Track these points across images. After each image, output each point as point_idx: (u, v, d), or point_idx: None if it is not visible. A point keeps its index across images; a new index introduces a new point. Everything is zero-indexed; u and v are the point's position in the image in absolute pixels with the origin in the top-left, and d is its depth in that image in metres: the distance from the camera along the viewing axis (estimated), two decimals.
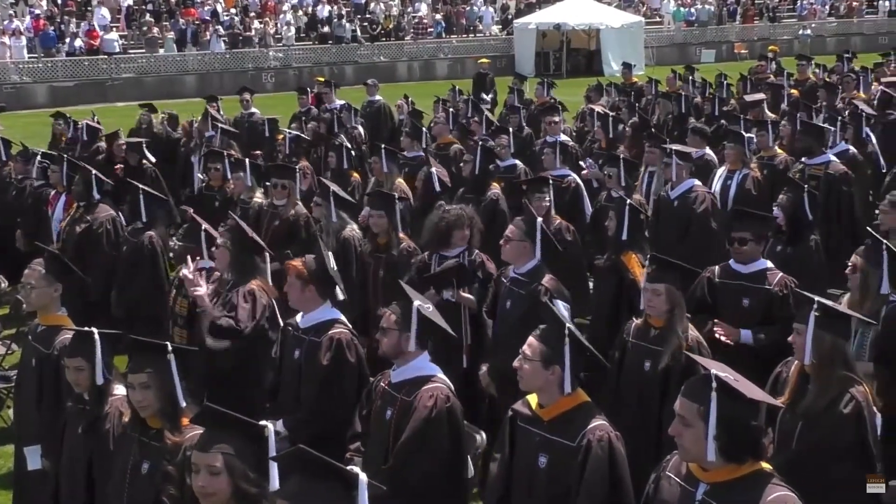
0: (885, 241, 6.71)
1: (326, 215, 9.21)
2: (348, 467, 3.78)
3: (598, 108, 16.06)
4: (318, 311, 6.48)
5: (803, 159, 11.16)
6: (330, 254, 6.75)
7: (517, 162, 12.32)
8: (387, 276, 8.40)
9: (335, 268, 6.65)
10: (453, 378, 5.86)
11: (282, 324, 6.95)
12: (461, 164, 11.66)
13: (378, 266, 8.64)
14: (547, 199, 9.18)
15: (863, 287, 6.63)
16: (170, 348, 5.05)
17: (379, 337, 5.73)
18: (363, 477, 3.68)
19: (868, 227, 7.62)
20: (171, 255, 8.91)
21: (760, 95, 16.04)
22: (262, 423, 4.38)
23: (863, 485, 5.18)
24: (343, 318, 6.54)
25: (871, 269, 6.61)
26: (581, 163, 12.63)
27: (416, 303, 5.65)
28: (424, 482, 5.34)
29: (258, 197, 10.66)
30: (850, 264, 6.79)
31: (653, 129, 13.25)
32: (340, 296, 6.70)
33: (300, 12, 41.29)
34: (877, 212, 8.94)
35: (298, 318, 6.57)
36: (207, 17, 38.99)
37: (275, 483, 4.14)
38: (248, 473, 4.18)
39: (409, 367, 5.63)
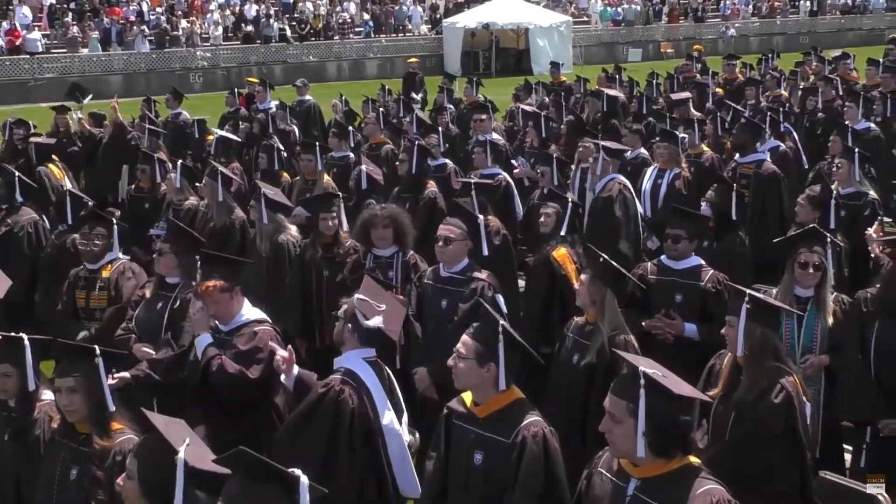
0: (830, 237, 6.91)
1: (258, 218, 9.13)
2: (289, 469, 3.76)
3: (526, 107, 16.18)
4: (240, 315, 6.44)
5: (736, 157, 11.33)
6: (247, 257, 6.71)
7: (447, 161, 12.33)
8: (332, 276, 8.38)
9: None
10: None
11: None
12: (397, 164, 11.64)
13: (325, 266, 8.60)
14: (476, 201, 9.20)
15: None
16: (97, 352, 4.98)
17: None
18: (304, 479, 3.66)
19: (794, 225, 7.80)
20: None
21: (686, 94, 16.25)
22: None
23: (793, 471, 5.30)
24: (264, 316, 6.50)
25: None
26: (513, 161, 12.69)
27: (358, 297, 5.69)
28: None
29: (192, 199, 10.54)
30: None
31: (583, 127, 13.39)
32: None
33: (227, 11, 40.90)
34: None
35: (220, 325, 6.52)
36: (133, 17, 38.45)
37: None
38: None
39: (343, 359, 5.67)
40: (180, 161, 11.48)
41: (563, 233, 8.30)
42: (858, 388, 6.62)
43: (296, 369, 5.85)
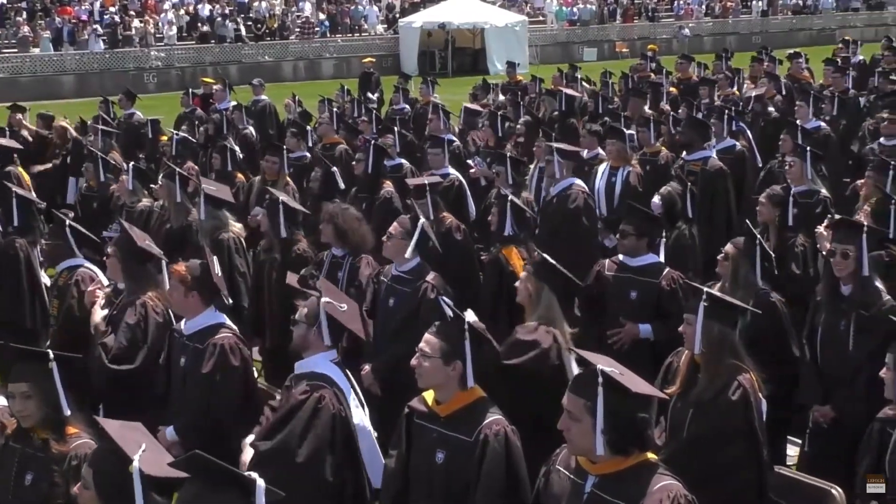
0: (757, 234, 6.97)
1: (199, 215, 9.11)
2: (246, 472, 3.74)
3: (472, 107, 16.24)
4: (201, 317, 6.38)
5: (683, 154, 11.44)
6: (215, 259, 6.65)
7: (403, 161, 12.34)
8: (280, 277, 8.38)
9: (220, 273, 6.55)
10: None
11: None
12: (353, 164, 11.63)
13: (273, 267, 8.57)
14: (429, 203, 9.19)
15: (733, 276, 6.91)
16: (51, 356, 4.93)
17: (292, 328, 5.73)
18: (261, 482, 3.64)
19: (747, 221, 7.88)
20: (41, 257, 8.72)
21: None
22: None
23: (750, 468, 5.35)
24: (228, 321, 6.46)
25: (743, 259, 6.88)
26: (469, 161, 12.71)
27: (325, 299, 5.67)
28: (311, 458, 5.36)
29: (145, 201, 10.46)
30: (722, 252, 7.05)
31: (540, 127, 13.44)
32: (226, 300, 6.61)
33: (182, 11, 40.59)
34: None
35: (183, 323, 6.47)
36: (85, 16, 38.03)
37: None
38: None
39: (309, 363, 5.65)
40: (132, 163, 11.40)
41: (507, 231, 8.35)
42: (805, 373, 6.82)
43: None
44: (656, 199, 9.35)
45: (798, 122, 12.68)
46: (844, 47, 23.61)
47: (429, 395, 5.13)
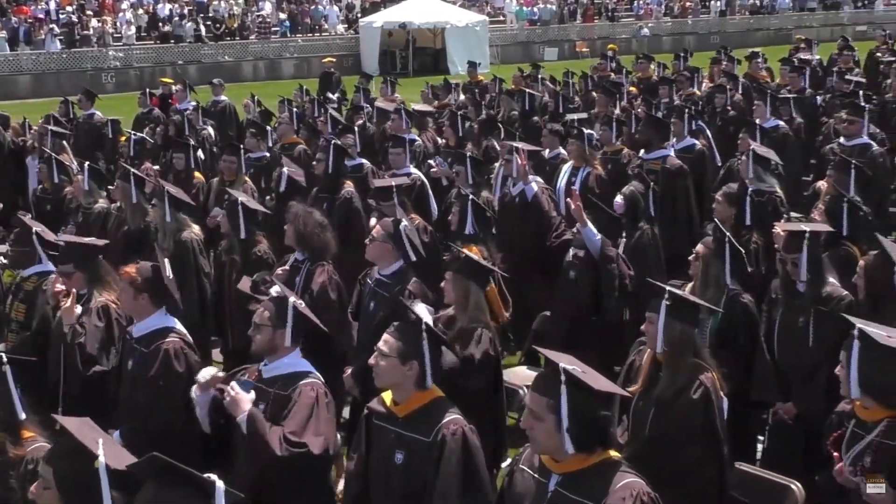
0: (728, 234, 7.01)
1: (161, 216, 9.02)
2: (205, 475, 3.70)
3: (422, 108, 16.30)
4: (150, 320, 6.27)
5: (641, 153, 11.50)
6: (166, 261, 6.56)
7: (364, 161, 12.31)
8: (240, 278, 8.31)
9: (171, 276, 6.48)
10: None
11: None
12: (313, 164, 11.58)
13: (233, 268, 8.52)
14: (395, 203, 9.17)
15: (703, 276, 6.92)
16: (4, 359, 4.85)
17: (251, 333, 5.62)
18: (220, 484, 3.61)
19: (716, 220, 7.95)
20: (4, 261, 8.58)
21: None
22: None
23: (711, 466, 5.38)
24: (178, 325, 6.36)
25: (714, 259, 6.90)
26: (430, 161, 12.70)
27: (292, 299, 5.63)
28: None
29: (102, 202, 10.35)
30: (693, 252, 7.08)
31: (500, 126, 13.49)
32: (179, 305, 6.53)
33: (140, 11, 40.26)
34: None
35: (133, 325, 6.39)
36: (41, 15, 37.60)
37: None
38: None
39: (282, 364, 5.57)
40: (87, 163, 11.28)
41: (468, 230, 8.36)
42: (761, 370, 6.85)
43: (248, 404, 5.38)
44: (619, 198, 9.39)
45: (757, 121, 12.80)
46: (808, 47, 23.85)
47: (387, 396, 5.13)
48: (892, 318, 5.61)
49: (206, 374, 5.55)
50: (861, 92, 15.47)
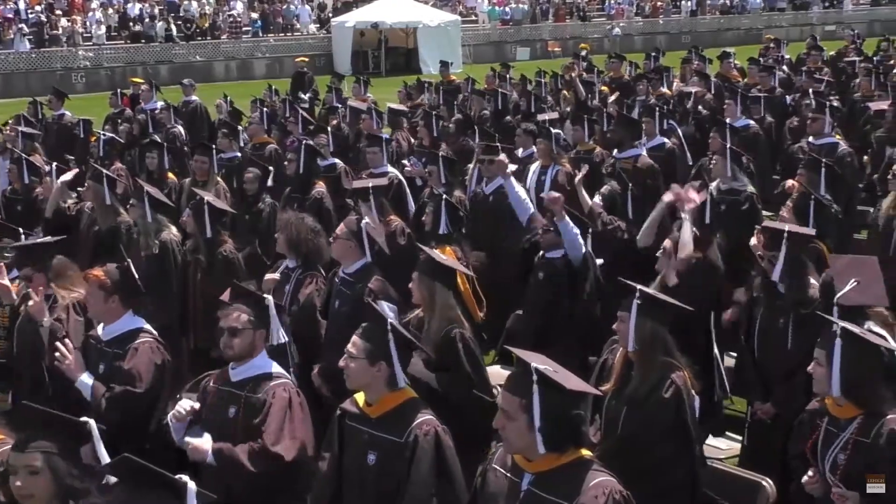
0: (692, 226, 7.08)
1: (142, 216, 8.95)
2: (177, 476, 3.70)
3: (398, 107, 16.32)
4: (120, 322, 6.24)
5: (614, 152, 11.54)
6: (129, 261, 6.52)
7: (337, 161, 12.30)
8: (205, 278, 8.28)
9: (136, 275, 6.46)
10: None
11: None
12: (285, 164, 11.55)
13: (198, 268, 8.48)
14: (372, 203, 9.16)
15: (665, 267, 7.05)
16: None
17: (226, 340, 5.58)
18: (192, 485, 3.60)
19: (682, 214, 7.99)
20: None
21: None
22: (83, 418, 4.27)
23: (683, 464, 5.41)
24: (147, 326, 6.34)
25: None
26: (404, 162, 12.70)
27: (269, 297, 5.67)
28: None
29: (71, 203, 10.28)
30: (662, 247, 7.14)
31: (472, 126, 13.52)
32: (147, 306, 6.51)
33: (110, 10, 40.00)
34: None
35: (100, 329, 6.32)
36: (10, 15, 37.28)
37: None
38: (73, 469, 4.08)
39: (252, 366, 5.57)
40: (55, 163, 11.20)
41: (442, 230, 8.37)
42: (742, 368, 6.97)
43: (208, 445, 5.37)
44: (597, 198, 9.43)
45: (727, 120, 12.88)
46: (777, 47, 24.01)
47: (360, 397, 5.13)
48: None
49: (184, 406, 5.52)
50: (824, 91, 15.65)
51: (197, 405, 5.52)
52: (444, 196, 8.65)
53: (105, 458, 4.34)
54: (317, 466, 5.30)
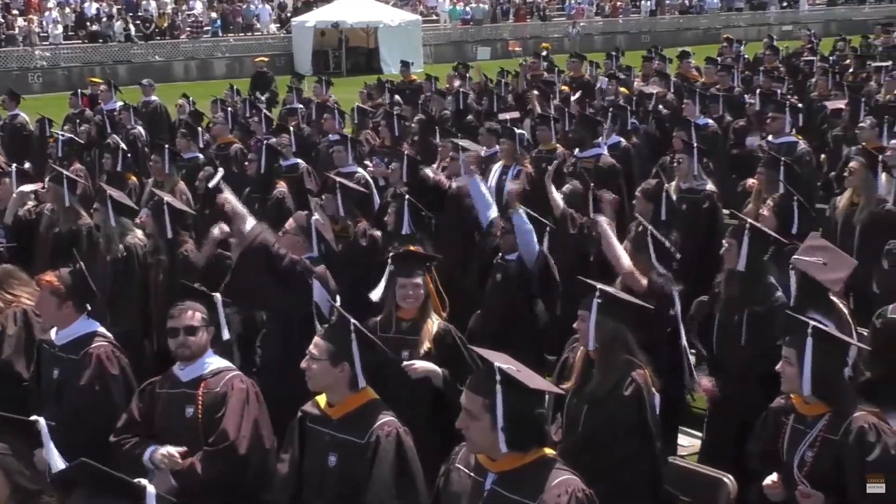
0: (649, 226, 7.14)
1: (105, 220, 8.88)
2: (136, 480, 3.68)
3: (365, 107, 16.26)
4: (74, 326, 6.21)
5: (576, 152, 11.59)
6: (82, 265, 6.47)
7: (299, 161, 12.26)
8: (165, 279, 8.23)
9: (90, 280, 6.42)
10: None
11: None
12: (245, 164, 11.50)
13: (159, 270, 8.43)
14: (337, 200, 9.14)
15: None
16: None
17: (182, 339, 5.60)
18: (151, 489, 3.59)
19: (637, 214, 8.07)
20: None
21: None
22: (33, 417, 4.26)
23: (643, 461, 5.43)
24: (102, 329, 6.30)
25: (638, 253, 7.09)
26: (367, 162, 12.70)
27: (217, 295, 5.72)
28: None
29: (30, 204, 10.17)
30: (625, 242, 7.22)
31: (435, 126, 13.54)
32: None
33: (67, 10, 39.59)
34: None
35: (53, 333, 6.27)
36: None
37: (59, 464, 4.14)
38: (25, 470, 4.05)
39: (201, 364, 5.61)
40: (14, 165, 11.08)
41: (405, 230, 8.37)
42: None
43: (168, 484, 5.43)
44: (559, 197, 9.46)
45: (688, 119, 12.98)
46: (729, 46, 24.22)
47: (321, 399, 5.13)
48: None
49: (163, 462, 5.49)
50: (780, 91, 15.81)
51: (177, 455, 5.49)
52: (408, 196, 8.65)
53: (55, 460, 4.31)
54: (276, 466, 5.30)
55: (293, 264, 6.96)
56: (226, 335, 5.79)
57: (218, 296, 5.78)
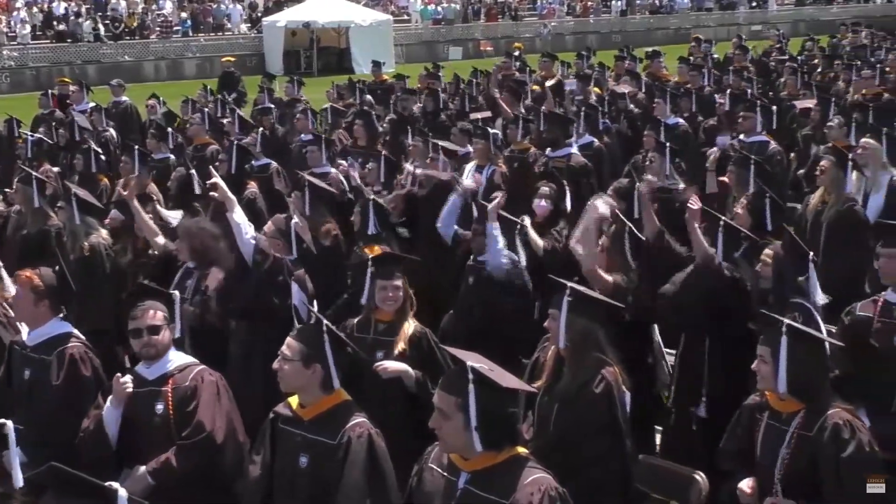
0: (627, 222, 7.18)
1: (69, 219, 8.83)
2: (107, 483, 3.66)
3: (337, 106, 16.26)
4: (47, 326, 6.16)
5: (547, 151, 11.62)
6: (63, 265, 6.45)
7: (270, 161, 12.23)
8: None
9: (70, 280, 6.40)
10: None
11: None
12: (216, 164, 11.44)
13: (138, 271, 8.41)
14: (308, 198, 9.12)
15: (609, 265, 7.14)
16: None
17: (147, 339, 5.60)
18: (122, 492, 3.57)
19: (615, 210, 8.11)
20: None
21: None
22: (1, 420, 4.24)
23: (614, 459, 5.45)
24: (75, 331, 6.26)
25: (615, 247, 7.16)
26: (341, 161, 12.67)
27: (176, 293, 5.79)
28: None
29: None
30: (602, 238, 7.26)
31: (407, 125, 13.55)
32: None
33: (35, 9, 39.26)
34: None
35: (25, 334, 6.23)
36: None
37: (18, 481, 4.08)
38: None
39: (166, 361, 5.64)
40: None
41: (370, 231, 8.37)
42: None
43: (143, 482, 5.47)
44: (544, 202, 9.45)
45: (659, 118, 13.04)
46: (698, 46, 24.35)
47: (294, 400, 5.12)
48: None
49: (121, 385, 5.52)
50: (750, 91, 15.93)
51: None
52: (372, 197, 8.68)
53: (16, 469, 4.29)
54: (248, 465, 5.30)
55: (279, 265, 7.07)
56: (178, 332, 5.80)
57: (176, 293, 5.87)
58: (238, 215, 7.36)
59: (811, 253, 6.59)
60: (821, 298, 6.43)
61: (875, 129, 10.96)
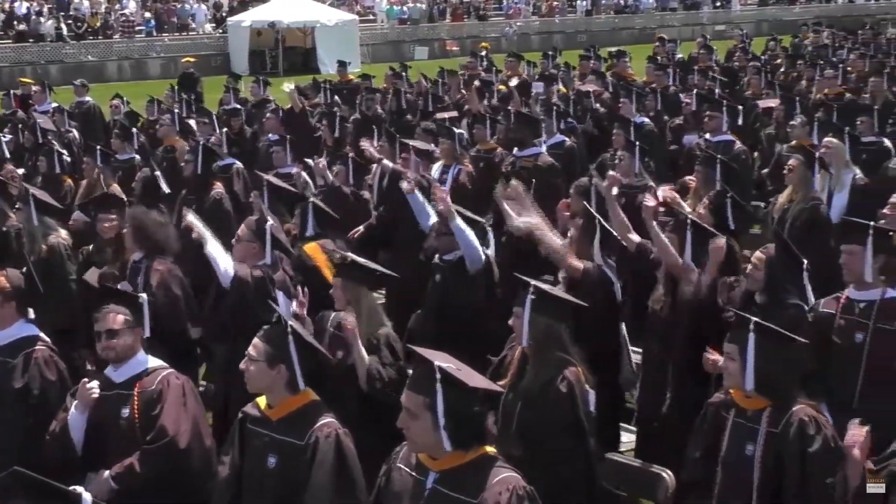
0: (597, 216, 7.28)
1: (27, 220, 8.75)
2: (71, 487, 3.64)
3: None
4: (13, 328, 6.10)
5: (514, 151, 11.64)
6: (31, 267, 6.39)
7: (234, 161, 12.18)
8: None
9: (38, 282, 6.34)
10: None
11: None
12: (181, 165, 11.38)
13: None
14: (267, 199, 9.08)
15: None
16: None
17: (105, 343, 5.57)
18: (87, 496, 3.55)
19: (584, 203, 8.16)
20: None
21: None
22: None
23: (578, 458, 5.47)
24: (42, 334, 6.21)
25: (584, 240, 7.25)
26: (308, 161, 12.64)
27: (143, 295, 5.72)
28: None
29: None
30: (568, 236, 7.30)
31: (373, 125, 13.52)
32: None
33: None
34: None
35: None
36: None
37: None
38: None
39: (135, 363, 5.61)
40: None
41: (309, 233, 8.38)
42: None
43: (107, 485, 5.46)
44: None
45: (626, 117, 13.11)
46: (662, 45, 24.50)
47: (262, 401, 5.12)
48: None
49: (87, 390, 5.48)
50: (717, 91, 16.04)
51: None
52: (312, 199, 8.70)
53: None
54: (216, 468, 5.28)
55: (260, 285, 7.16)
56: (146, 333, 5.74)
57: (144, 296, 5.80)
58: (213, 248, 7.33)
59: (805, 262, 6.60)
60: (812, 302, 6.51)
61: (837, 129, 11.08)
